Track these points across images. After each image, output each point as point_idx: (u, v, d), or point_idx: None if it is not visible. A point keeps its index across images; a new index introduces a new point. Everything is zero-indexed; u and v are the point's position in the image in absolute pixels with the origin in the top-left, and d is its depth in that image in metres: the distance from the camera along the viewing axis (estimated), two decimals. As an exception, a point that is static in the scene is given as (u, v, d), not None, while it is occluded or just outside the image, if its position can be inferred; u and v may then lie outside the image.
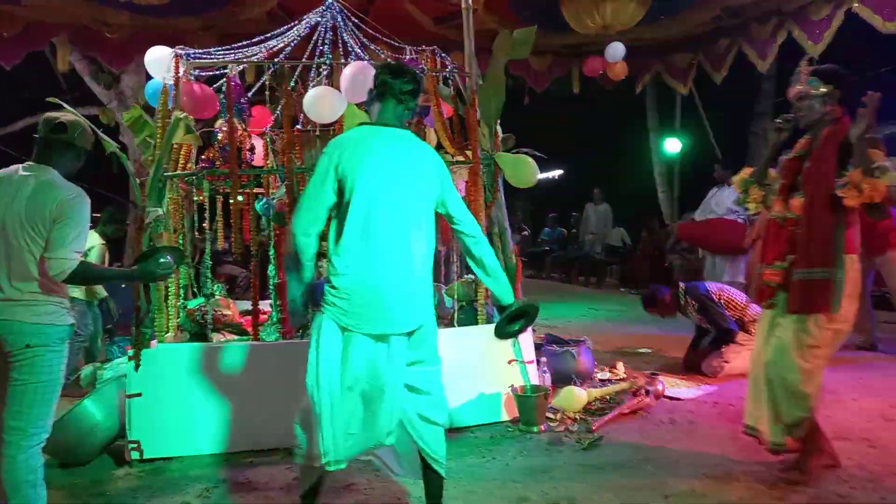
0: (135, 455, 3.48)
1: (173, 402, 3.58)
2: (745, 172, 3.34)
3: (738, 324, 4.95)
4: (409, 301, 2.53)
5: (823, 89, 3.01)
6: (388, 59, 4.48)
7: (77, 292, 5.76)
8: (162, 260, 2.75)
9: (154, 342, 3.66)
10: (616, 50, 7.57)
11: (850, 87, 3.10)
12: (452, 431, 3.81)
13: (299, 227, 2.53)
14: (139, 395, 3.53)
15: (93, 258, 5.72)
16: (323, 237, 2.60)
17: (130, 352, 3.59)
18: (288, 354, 3.78)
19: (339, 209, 2.54)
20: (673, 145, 11.65)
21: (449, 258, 4.76)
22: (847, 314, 2.97)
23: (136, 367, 3.54)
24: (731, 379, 4.79)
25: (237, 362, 3.69)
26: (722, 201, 7.31)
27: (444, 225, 2.85)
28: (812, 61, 3.13)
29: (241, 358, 3.71)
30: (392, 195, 2.52)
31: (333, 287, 2.50)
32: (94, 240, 5.81)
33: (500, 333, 2.89)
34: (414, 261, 2.54)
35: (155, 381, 3.56)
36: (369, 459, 2.79)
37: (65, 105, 4.28)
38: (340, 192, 2.52)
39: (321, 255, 2.74)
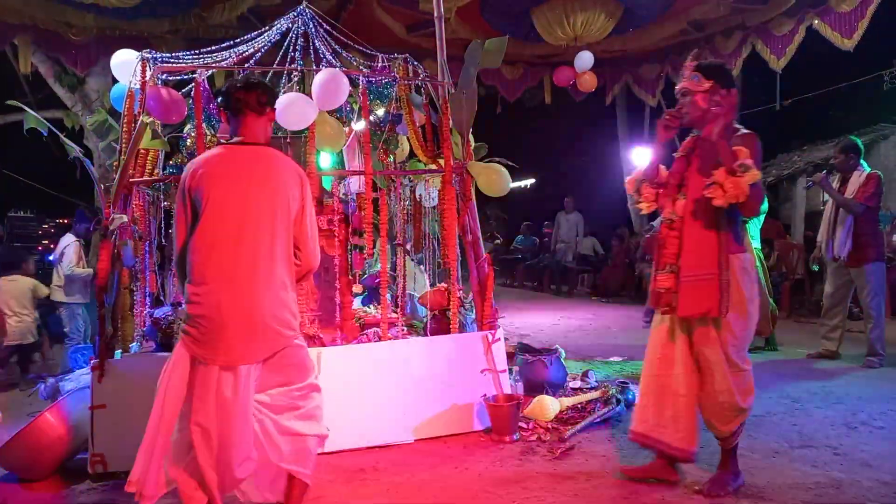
0: (98, 469, 3.37)
1: (138, 414, 3.47)
2: (638, 173, 3.23)
3: None
4: (256, 330, 2.43)
5: (706, 85, 2.97)
6: (361, 67, 4.46)
7: (78, 296, 5.65)
8: None
9: (118, 352, 3.56)
10: (584, 59, 7.67)
11: (733, 83, 3.07)
12: (425, 442, 3.79)
13: (177, 257, 2.51)
14: (103, 406, 3.43)
15: (69, 256, 5.62)
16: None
17: (94, 362, 3.49)
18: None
19: (193, 234, 2.47)
20: (641, 155, 11.81)
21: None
22: (752, 315, 2.94)
23: (100, 378, 3.44)
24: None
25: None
26: None
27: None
28: (698, 56, 3.09)
29: (209, 368, 3.63)
30: (239, 219, 2.44)
31: (187, 315, 2.45)
32: (68, 239, 5.72)
33: None
34: (263, 287, 2.45)
35: (120, 392, 3.46)
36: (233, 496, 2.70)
37: (26, 108, 4.18)
38: (196, 217, 2.47)
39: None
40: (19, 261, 5.98)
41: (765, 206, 5.81)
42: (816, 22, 7.08)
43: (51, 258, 5.70)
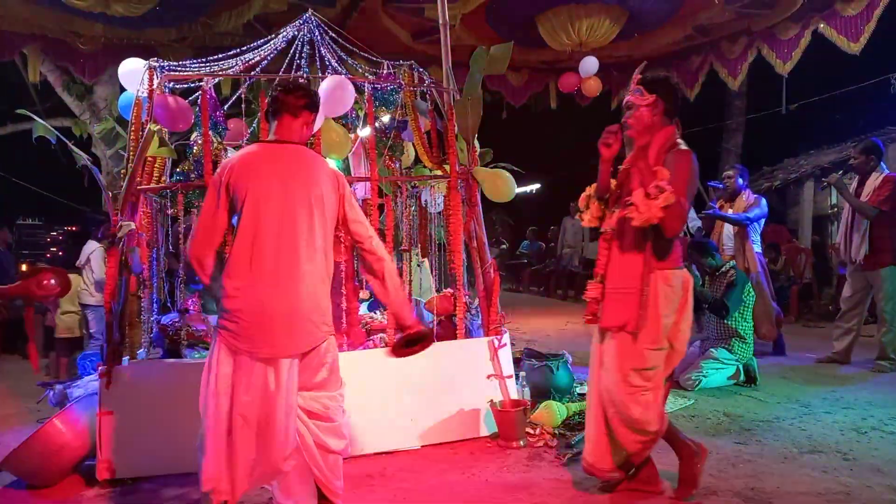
0: (106, 475, 3.38)
1: (146, 421, 3.50)
2: (591, 188, 3.20)
3: None
4: (297, 323, 2.47)
5: (650, 99, 2.94)
6: (366, 74, 4.48)
7: (95, 298, 5.78)
8: (45, 282, 2.72)
9: (126, 359, 3.58)
10: (589, 64, 7.68)
11: (677, 97, 3.03)
12: (432, 447, 3.78)
13: (193, 252, 2.52)
14: (111, 412, 3.44)
15: (97, 261, 5.79)
16: None
17: (101, 368, 3.50)
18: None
19: (232, 231, 2.52)
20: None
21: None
22: (674, 334, 2.87)
23: (108, 384, 3.46)
24: (706, 391, 4.85)
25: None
26: None
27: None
28: (644, 70, 3.05)
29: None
30: (279, 214, 2.48)
31: (224, 310, 2.47)
32: (92, 245, 5.89)
33: (398, 353, 2.81)
34: (304, 281, 2.48)
35: (127, 398, 3.47)
36: (267, 488, 2.72)
37: (35, 117, 4.21)
38: (232, 213, 2.50)
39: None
40: (72, 260, 6.22)
41: (761, 212, 5.78)
42: (822, 26, 7.08)
43: (77, 264, 5.90)
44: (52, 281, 2.77)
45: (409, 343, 2.78)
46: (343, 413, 2.65)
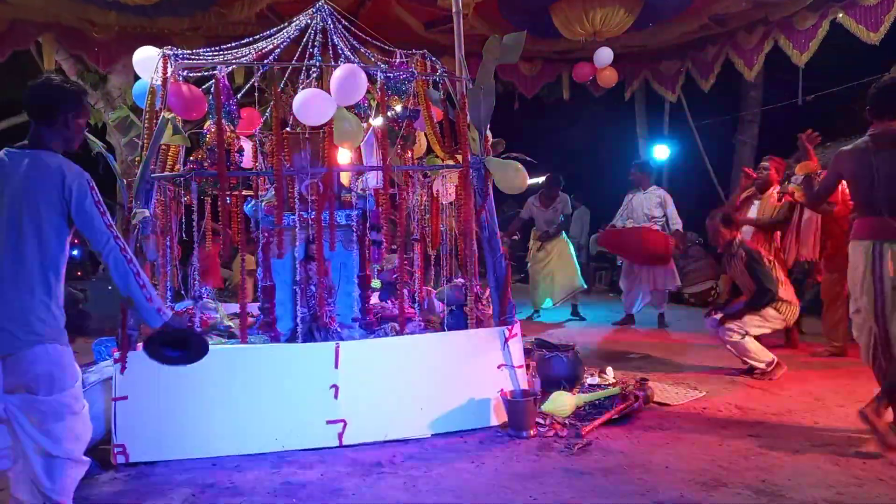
0: (120, 459, 3.43)
1: (160, 406, 3.54)
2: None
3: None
4: None
5: None
6: (379, 63, 4.47)
7: None
8: None
9: (140, 345, 3.61)
10: (603, 55, 7.62)
11: None
12: (442, 436, 3.80)
13: None
14: (125, 398, 3.49)
15: None
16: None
17: (116, 354, 3.54)
18: (276, 358, 3.76)
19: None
20: (661, 152, 11.72)
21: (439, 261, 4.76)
22: None
23: (122, 369, 3.50)
24: (718, 384, 4.83)
25: (224, 366, 3.65)
26: (639, 206, 7.36)
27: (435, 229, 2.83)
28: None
29: (229, 361, 3.67)
30: None
31: None
32: None
33: (152, 354, 2.71)
34: (5, 283, 2.41)
35: (141, 384, 3.51)
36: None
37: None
38: None
39: None
40: None
41: None
42: (841, 16, 6.96)
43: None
44: None
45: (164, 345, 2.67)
46: (62, 416, 2.49)
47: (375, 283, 5.01)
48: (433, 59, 4.47)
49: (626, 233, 7.39)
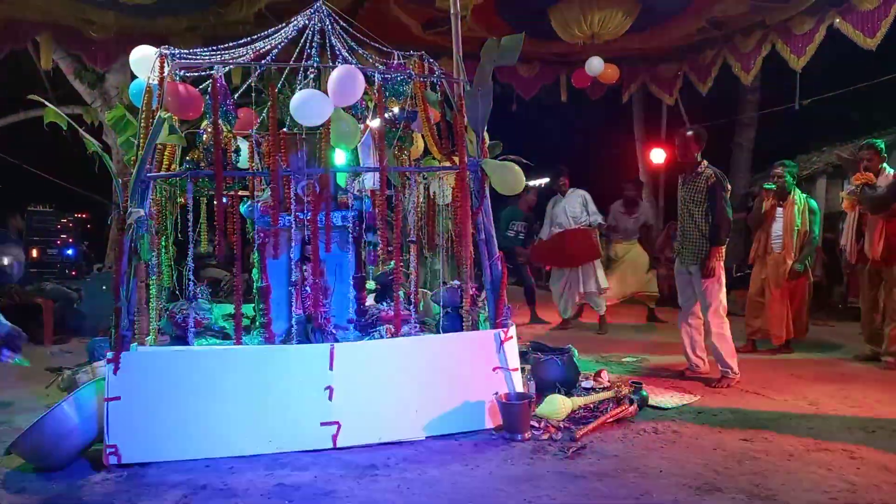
0: (112, 460, 3.41)
1: (153, 407, 3.52)
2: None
3: None
4: None
5: None
6: (376, 64, 4.46)
7: None
8: None
9: (134, 345, 3.60)
10: (595, 64, 7.69)
11: None
12: (436, 439, 3.79)
13: None
14: (118, 398, 3.47)
15: None
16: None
17: (109, 354, 3.53)
18: (270, 359, 3.75)
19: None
20: (658, 155, 11.74)
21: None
22: None
23: (115, 370, 3.48)
24: (712, 388, 4.83)
25: (218, 367, 3.64)
26: (562, 211, 7.44)
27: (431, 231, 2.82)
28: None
29: (223, 362, 3.66)
30: None
31: None
32: None
33: None
34: None
35: (134, 384, 3.50)
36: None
37: (46, 103, 4.23)
38: None
39: None
40: None
41: None
42: (838, 21, 6.99)
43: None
44: None
45: None
46: None
47: (370, 285, 5.00)
48: (431, 60, 4.47)
49: (551, 240, 7.45)
